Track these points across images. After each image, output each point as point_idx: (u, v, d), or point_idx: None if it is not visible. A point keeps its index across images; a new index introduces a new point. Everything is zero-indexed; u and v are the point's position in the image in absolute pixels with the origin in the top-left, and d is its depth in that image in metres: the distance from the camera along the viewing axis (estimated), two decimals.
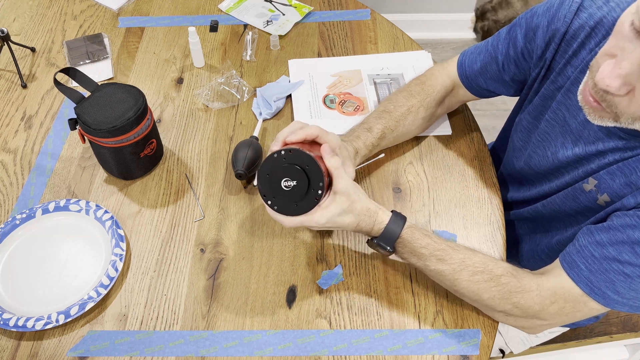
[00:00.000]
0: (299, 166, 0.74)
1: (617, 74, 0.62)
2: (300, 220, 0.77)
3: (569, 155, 0.82)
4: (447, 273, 0.79)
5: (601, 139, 0.76)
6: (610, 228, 0.72)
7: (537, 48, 0.85)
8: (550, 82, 0.85)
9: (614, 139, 0.75)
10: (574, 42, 0.80)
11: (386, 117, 0.96)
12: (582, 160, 0.80)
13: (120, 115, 0.92)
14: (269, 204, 0.77)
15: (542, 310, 0.76)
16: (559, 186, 0.86)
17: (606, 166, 0.76)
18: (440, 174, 1.02)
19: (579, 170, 0.81)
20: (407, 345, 0.82)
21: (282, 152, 0.74)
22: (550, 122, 0.86)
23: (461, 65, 0.99)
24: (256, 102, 1.13)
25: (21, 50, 1.26)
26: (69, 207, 0.96)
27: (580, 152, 0.79)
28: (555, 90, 0.84)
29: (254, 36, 1.27)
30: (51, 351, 0.82)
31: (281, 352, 0.82)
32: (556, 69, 0.83)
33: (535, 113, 0.90)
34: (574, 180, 0.82)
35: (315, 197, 0.75)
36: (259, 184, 0.77)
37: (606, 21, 0.76)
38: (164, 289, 0.88)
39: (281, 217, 0.77)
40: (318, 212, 0.76)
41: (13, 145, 1.08)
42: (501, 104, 2.29)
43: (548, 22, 0.82)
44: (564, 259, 0.76)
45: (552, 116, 0.85)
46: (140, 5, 1.37)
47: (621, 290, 0.71)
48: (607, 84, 0.63)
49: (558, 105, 0.83)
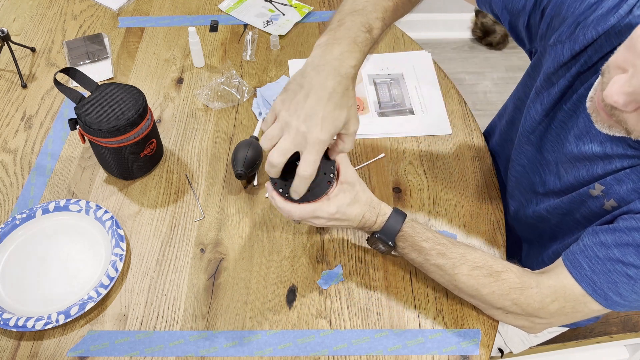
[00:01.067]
0: None
1: (625, 90, 0.61)
2: (311, 209, 0.75)
3: (572, 151, 0.79)
4: (447, 267, 0.79)
5: (609, 141, 0.74)
6: (616, 230, 0.71)
7: (569, 23, 0.76)
8: (577, 73, 0.77)
9: (623, 145, 0.73)
10: (615, 40, 0.71)
11: (385, 5, 0.81)
12: (586, 160, 0.78)
13: (120, 115, 0.92)
14: (280, 191, 0.75)
15: (542, 308, 0.76)
16: (563, 189, 0.84)
17: (613, 172, 0.75)
18: (440, 174, 1.02)
19: (582, 171, 0.79)
20: (407, 345, 0.82)
21: None
22: (567, 112, 0.81)
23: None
24: (256, 102, 1.13)
25: (21, 50, 1.26)
26: (69, 207, 0.96)
27: (587, 151, 0.77)
28: (579, 83, 0.78)
29: (254, 36, 1.27)
30: (51, 351, 0.82)
31: (281, 352, 0.82)
32: (588, 62, 0.75)
33: (551, 103, 0.82)
34: (578, 182, 0.80)
35: (327, 181, 0.75)
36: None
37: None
38: (164, 289, 0.88)
39: (291, 206, 0.75)
40: (328, 202, 0.76)
41: (13, 145, 1.08)
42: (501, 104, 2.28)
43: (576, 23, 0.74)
44: (567, 257, 0.76)
45: (570, 107, 0.80)
46: (140, 5, 1.37)
47: (623, 293, 0.71)
48: (615, 100, 0.61)
49: (579, 98, 0.78)
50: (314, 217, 0.76)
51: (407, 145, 1.07)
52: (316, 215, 0.76)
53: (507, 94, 0.97)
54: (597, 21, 0.73)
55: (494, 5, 0.87)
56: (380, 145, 1.07)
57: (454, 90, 1.17)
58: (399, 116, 1.12)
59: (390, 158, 1.05)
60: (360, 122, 1.12)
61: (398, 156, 1.05)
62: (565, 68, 0.79)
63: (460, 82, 2.38)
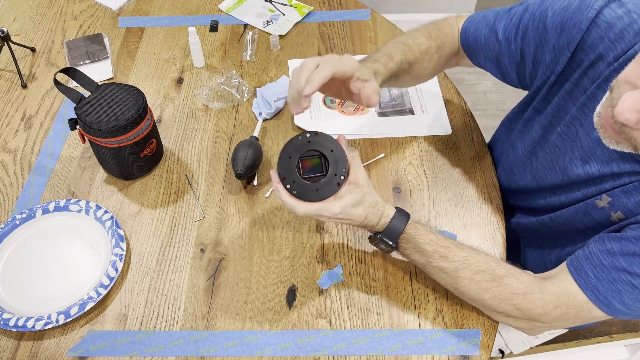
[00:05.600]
0: (323, 150, 0.73)
1: (637, 108, 0.60)
2: (315, 209, 0.75)
3: (579, 174, 0.79)
4: (450, 271, 0.79)
5: (616, 160, 0.74)
6: (623, 239, 0.71)
7: (547, 52, 0.81)
8: (565, 92, 0.81)
9: (630, 162, 0.72)
10: (591, 53, 0.75)
11: (406, 49, 0.90)
12: (595, 180, 0.78)
13: (120, 115, 0.92)
14: (287, 187, 0.74)
15: (544, 314, 0.76)
16: (569, 201, 0.83)
17: (621, 186, 0.74)
18: (440, 174, 1.02)
19: (591, 189, 0.78)
20: (407, 345, 0.82)
21: (307, 134, 0.73)
22: (561, 135, 0.82)
23: (465, 32, 0.94)
24: (256, 102, 1.13)
25: (21, 50, 1.26)
26: (69, 207, 0.96)
27: (594, 172, 0.77)
28: (570, 102, 0.81)
29: (254, 36, 1.27)
30: (51, 351, 0.82)
31: (281, 352, 0.82)
32: (571, 79, 0.79)
33: (545, 123, 0.86)
34: (585, 196, 0.80)
35: (337, 183, 0.74)
36: (279, 166, 0.74)
37: (627, 33, 0.71)
38: (164, 289, 0.88)
39: (296, 203, 0.75)
40: (333, 202, 0.76)
41: (13, 145, 1.08)
42: (501, 104, 2.29)
43: (562, 25, 0.78)
44: (572, 264, 0.75)
45: (564, 130, 0.81)
46: (140, 5, 1.37)
47: (627, 301, 0.71)
48: (626, 118, 0.61)
49: (572, 120, 0.80)
50: (317, 215, 0.77)
51: (407, 145, 1.07)
52: (320, 214, 0.76)
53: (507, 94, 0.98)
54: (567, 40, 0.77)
55: (482, 62, 0.95)
56: (380, 145, 1.07)
57: (454, 90, 1.17)
58: (399, 116, 1.12)
59: (390, 158, 1.05)
60: (360, 122, 1.13)
61: (398, 156, 1.05)
62: (555, 88, 0.82)
63: (460, 82, 2.37)
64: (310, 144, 0.73)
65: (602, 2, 0.74)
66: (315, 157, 0.74)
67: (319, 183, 0.74)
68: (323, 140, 0.74)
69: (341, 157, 0.74)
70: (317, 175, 0.75)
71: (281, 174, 0.75)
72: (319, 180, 0.74)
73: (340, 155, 0.74)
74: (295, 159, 0.74)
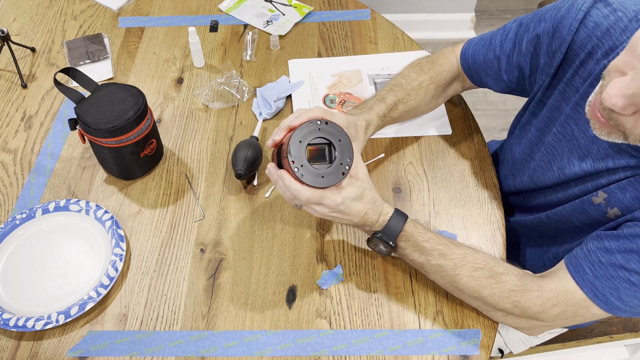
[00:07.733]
0: (331, 138, 0.74)
1: (624, 93, 0.61)
2: (319, 195, 0.75)
3: (576, 171, 0.80)
4: (448, 268, 0.79)
5: (611, 156, 0.74)
6: (621, 236, 0.71)
7: (542, 57, 0.83)
8: (559, 93, 0.83)
9: (625, 157, 0.73)
10: (580, 52, 0.78)
11: (398, 89, 0.96)
12: (591, 176, 0.79)
13: (120, 115, 0.92)
14: (295, 171, 0.74)
15: (542, 312, 0.76)
16: (565, 198, 0.84)
17: (616, 181, 0.75)
18: (440, 174, 1.02)
19: (587, 185, 0.79)
20: (407, 345, 0.82)
21: (319, 122, 0.74)
22: (557, 135, 0.83)
23: (464, 55, 0.98)
24: (256, 102, 1.13)
25: (21, 50, 1.26)
26: (69, 207, 0.96)
27: (589, 169, 0.78)
28: (563, 102, 0.82)
29: (254, 36, 1.27)
30: (51, 351, 0.82)
31: (281, 352, 0.82)
32: (564, 79, 0.81)
33: (541, 125, 0.88)
34: (582, 192, 0.80)
35: (342, 172, 0.75)
36: (291, 149, 0.74)
37: (613, 31, 0.74)
38: (164, 289, 0.88)
39: (301, 187, 0.75)
40: (336, 191, 0.76)
41: (13, 145, 1.08)
42: (501, 104, 2.29)
43: (554, 29, 0.81)
44: (570, 261, 0.76)
45: (559, 130, 0.83)
46: (140, 5, 1.37)
47: (625, 298, 0.71)
48: (613, 103, 0.62)
49: (566, 119, 0.81)
50: (319, 203, 0.76)
51: (407, 145, 1.07)
52: (322, 202, 0.76)
53: (507, 95, 0.99)
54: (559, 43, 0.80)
55: (484, 81, 0.97)
56: (380, 145, 1.07)
57: None
58: None
59: (390, 158, 1.05)
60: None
61: (398, 156, 1.05)
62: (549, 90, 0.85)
63: None
64: (320, 131, 0.74)
65: (589, 3, 0.77)
66: (322, 145, 0.74)
67: (325, 170, 0.75)
68: (333, 129, 0.75)
69: (348, 147, 0.75)
70: (321, 163, 0.75)
71: (292, 157, 0.75)
72: (325, 166, 0.75)
73: (347, 145, 0.75)
74: (305, 144, 0.74)
